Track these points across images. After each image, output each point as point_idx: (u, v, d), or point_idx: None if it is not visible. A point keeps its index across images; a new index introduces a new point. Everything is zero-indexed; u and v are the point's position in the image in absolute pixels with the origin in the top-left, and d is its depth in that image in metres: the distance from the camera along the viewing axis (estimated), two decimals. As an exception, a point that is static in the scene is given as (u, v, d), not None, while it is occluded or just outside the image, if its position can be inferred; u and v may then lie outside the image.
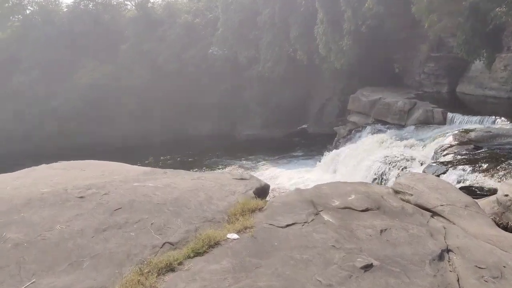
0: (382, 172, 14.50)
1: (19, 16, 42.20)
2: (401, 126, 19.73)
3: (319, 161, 22.71)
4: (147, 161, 31.93)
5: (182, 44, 36.82)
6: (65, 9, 43.33)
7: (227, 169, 26.63)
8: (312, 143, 31.37)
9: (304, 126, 35.45)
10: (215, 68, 36.14)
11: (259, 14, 32.52)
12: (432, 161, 11.91)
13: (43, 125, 38.90)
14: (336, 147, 23.29)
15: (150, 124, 39.49)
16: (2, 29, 41.39)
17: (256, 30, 33.46)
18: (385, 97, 21.76)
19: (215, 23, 36.59)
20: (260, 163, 26.65)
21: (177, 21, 37.95)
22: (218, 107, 38.00)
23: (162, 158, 32.32)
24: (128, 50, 38.16)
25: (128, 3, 44.51)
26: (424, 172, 11.24)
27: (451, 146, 12.54)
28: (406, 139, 17.02)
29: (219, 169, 26.53)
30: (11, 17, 42.49)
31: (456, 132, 13.64)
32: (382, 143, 17.60)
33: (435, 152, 12.82)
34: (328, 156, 21.64)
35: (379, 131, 20.29)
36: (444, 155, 12.08)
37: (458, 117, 15.69)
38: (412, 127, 18.01)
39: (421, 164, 13.15)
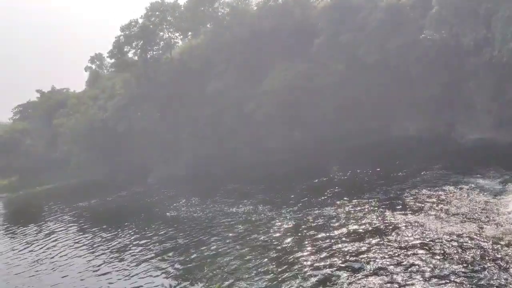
0: None
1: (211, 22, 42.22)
2: None
3: None
4: (332, 176, 26.99)
5: (385, 32, 30.74)
6: (255, 8, 41.66)
7: (456, 188, 19.54)
8: None
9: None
10: (428, 57, 29.11)
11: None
12: None
13: (235, 131, 37.97)
14: None
15: (346, 125, 34.84)
16: (195, 35, 41.99)
17: (488, 2, 25.39)
18: None
19: (426, 1, 29.59)
20: (509, 185, 18.90)
21: (379, 5, 32.00)
22: (430, 103, 31.00)
23: (353, 171, 26.95)
24: (322, 44, 33.99)
25: (319, -8, 40.35)
26: None
27: None
28: None
29: (458, 190, 19.46)
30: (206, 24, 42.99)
31: None
32: None
33: None
34: None
35: None
36: None
37: None
38: None
39: None
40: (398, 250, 13.55)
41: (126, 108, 43.56)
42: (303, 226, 17.75)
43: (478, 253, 12.44)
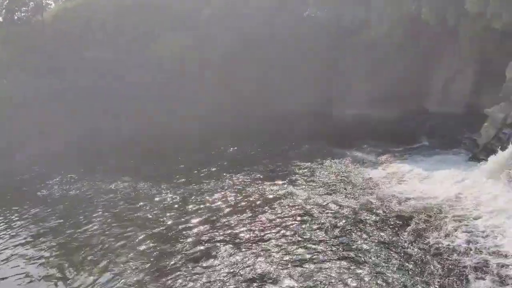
0: None
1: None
2: None
3: (480, 162, 16.41)
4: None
5: (274, 6, 30.92)
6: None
7: (331, 161, 20.83)
8: (439, 128, 24.75)
9: (423, 105, 28.57)
10: (312, 35, 30.03)
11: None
12: None
13: (119, 103, 35.65)
14: (499, 140, 16.79)
15: (232, 100, 34.60)
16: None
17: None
18: None
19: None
20: (382, 157, 20.44)
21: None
22: (312, 81, 32.07)
23: (237, 146, 27.05)
24: (211, 16, 33.11)
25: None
26: None
27: None
28: None
29: (333, 161, 20.55)
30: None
31: None
32: None
33: None
34: (500, 157, 15.20)
35: None
36: None
37: None
38: None
39: None
40: (274, 220, 14.25)
41: (-12, 76, 38.40)
42: (185, 201, 17.43)
43: (343, 220, 13.62)
